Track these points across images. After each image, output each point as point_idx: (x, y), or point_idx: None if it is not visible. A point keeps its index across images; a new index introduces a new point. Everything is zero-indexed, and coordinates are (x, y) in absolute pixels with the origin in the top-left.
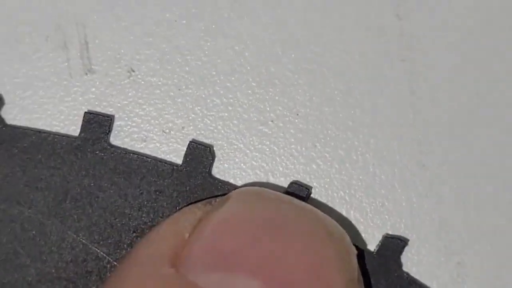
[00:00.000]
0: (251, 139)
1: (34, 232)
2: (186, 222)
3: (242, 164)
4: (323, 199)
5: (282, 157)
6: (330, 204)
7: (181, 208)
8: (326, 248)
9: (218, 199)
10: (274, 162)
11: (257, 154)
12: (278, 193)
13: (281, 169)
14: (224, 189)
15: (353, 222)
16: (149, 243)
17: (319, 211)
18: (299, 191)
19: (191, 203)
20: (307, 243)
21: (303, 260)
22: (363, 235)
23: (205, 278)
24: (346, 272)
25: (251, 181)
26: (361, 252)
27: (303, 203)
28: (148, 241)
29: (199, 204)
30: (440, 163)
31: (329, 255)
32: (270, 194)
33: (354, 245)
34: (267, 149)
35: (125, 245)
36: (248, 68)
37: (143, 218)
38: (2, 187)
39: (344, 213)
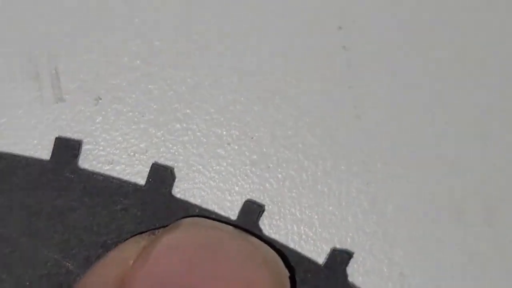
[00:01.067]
0: (209, 160)
1: (9, 249)
2: (131, 251)
3: (201, 184)
4: (275, 216)
5: (238, 177)
6: (282, 220)
7: (127, 239)
8: (259, 271)
9: (161, 230)
10: (230, 182)
11: (214, 174)
12: (216, 222)
13: (237, 188)
14: (184, 207)
15: (303, 237)
16: (98, 269)
17: (252, 236)
18: (253, 209)
19: (137, 234)
20: (241, 266)
21: (236, 282)
22: (312, 248)
23: None
24: None
25: (209, 200)
26: (293, 275)
27: (238, 230)
28: (98, 267)
29: (143, 234)
30: (384, 182)
31: (262, 277)
32: (207, 223)
33: (287, 267)
34: (224, 170)
35: (93, 259)
36: (207, 95)
37: (109, 235)
38: None
39: (295, 228)
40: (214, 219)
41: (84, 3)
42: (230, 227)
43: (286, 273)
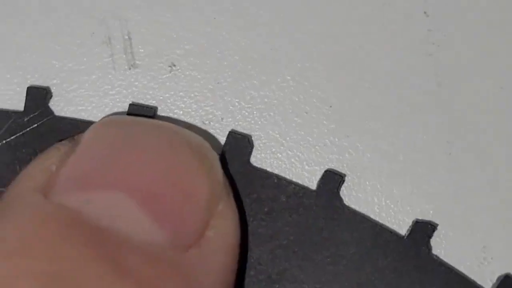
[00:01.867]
0: (286, 129)
1: None
2: (52, 158)
3: (278, 154)
4: (355, 187)
5: (316, 146)
6: (362, 192)
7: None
8: (184, 154)
9: (80, 134)
10: (308, 151)
11: (292, 144)
12: (137, 117)
13: (315, 158)
14: (262, 176)
15: (384, 208)
16: (18, 182)
17: (177, 126)
18: (333, 179)
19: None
20: (164, 151)
21: (162, 166)
22: (393, 220)
23: (70, 199)
24: (208, 176)
25: (287, 169)
26: (223, 155)
27: (160, 121)
28: (18, 180)
29: (63, 141)
30: (467, 152)
31: (187, 159)
32: (126, 118)
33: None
34: (302, 139)
35: None
36: (283, 62)
37: None
38: None
39: (375, 200)
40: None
41: None
42: (153, 120)
43: (214, 155)
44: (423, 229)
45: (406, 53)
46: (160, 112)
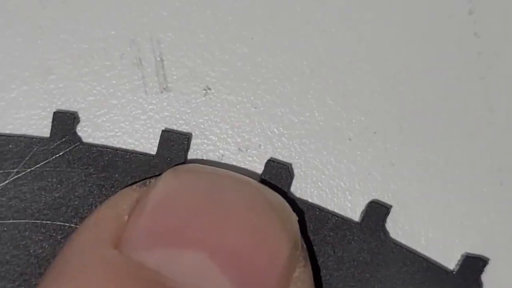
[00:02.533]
0: (328, 157)
1: None
2: (124, 205)
3: (319, 183)
4: (401, 219)
5: (360, 175)
6: (408, 224)
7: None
8: (267, 215)
9: (153, 180)
10: (351, 181)
11: (334, 172)
12: (214, 167)
13: (358, 188)
14: (302, 207)
15: (432, 241)
16: (89, 228)
17: (256, 182)
18: (378, 210)
19: (127, 186)
20: (247, 212)
21: (244, 228)
22: (442, 254)
23: (149, 256)
24: (288, 237)
25: (328, 200)
26: (302, 217)
27: (240, 175)
28: (88, 226)
29: (134, 186)
30: None
31: (271, 222)
32: (206, 169)
33: (295, 211)
34: (344, 167)
35: None
36: (325, 85)
37: None
38: (79, 207)
39: (422, 232)
40: (335, 219)
41: None
42: (231, 172)
43: (294, 217)
44: (474, 264)
45: (457, 76)
46: (194, 138)
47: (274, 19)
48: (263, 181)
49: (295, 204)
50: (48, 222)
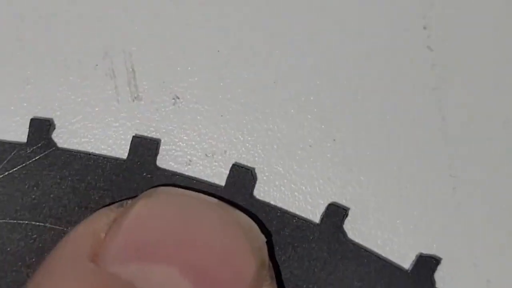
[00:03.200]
0: (290, 162)
1: None
2: (101, 223)
3: (281, 187)
4: (358, 220)
5: (320, 180)
6: (365, 225)
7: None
8: (235, 236)
9: (129, 201)
10: (311, 185)
11: (295, 177)
12: (185, 190)
13: (318, 191)
14: (265, 209)
15: (387, 242)
16: (68, 243)
17: (226, 204)
18: (337, 212)
19: (104, 206)
20: (216, 231)
21: (214, 246)
22: (396, 254)
23: (124, 270)
24: (256, 257)
25: (290, 203)
26: (270, 240)
27: (211, 197)
28: (67, 241)
29: (112, 206)
30: (471, 186)
31: (239, 241)
32: (179, 191)
33: (264, 233)
34: (305, 173)
35: None
36: (287, 96)
37: None
38: (53, 209)
39: (379, 234)
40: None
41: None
42: (202, 195)
43: (262, 238)
44: (427, 263)
45: (411, 87)
46: (163, 144)
47: (239, 33)
48: (228, 184)
49: (264, 226)
50: (24, 222)
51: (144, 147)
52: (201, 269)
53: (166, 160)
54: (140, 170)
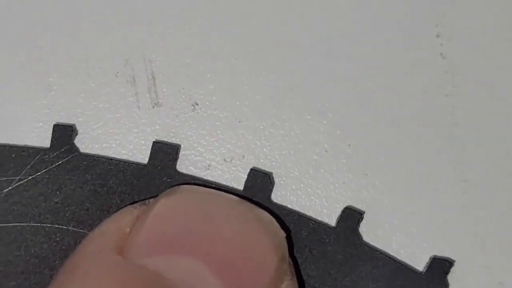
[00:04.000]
0: (306, 167)
1: None
2: (125, 220)
3: (298, 191)
4: (373, 224)
5: (336, 184)
6: (380, 229)
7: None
8: (257, 231)
9: (152, 199)
10: (327, 189)
11: (312, 181)
12: (209, 188)
13: (334, 195)
14: (282, 213)
15: (402, 244)
16: (94, 239)
17: (247, 201)
18: (352, 216)
19: (128, 204)
20: (239, 226)
21: (236, 240)
22: (411, 256)
23: (149, 261)
24: (276, 252)
25: (306, 206)
26: (289, 234)
27: (233, 195)
28: (93, 237)
29: (135, 204)
30: (484, 190)
31: (260, 236)
32: (199, 188)
33: (284, 228)
34: (321, 177)
35: None
36: (303, 102)
37: None
38: (75, 212)
39: (393, 237)
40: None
41: (180, 7)
42: (223, 192)
43: (282, 233)
44: (440, 266)
45: (425, 93)
46: (183, 150)
47: (257, 41)
48: (246, 188)
49: (284, 223)
50: (47, 225)
51: (164, 152)
52: (225, 261)
53: (185, 165)
54: (160, 174)
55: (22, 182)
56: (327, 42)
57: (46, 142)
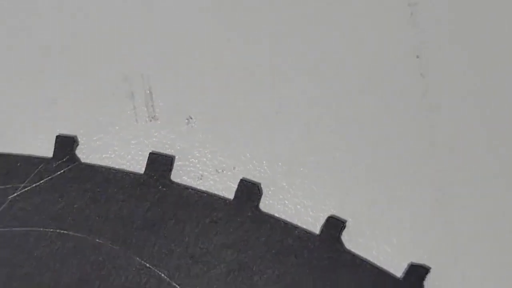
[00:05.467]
0: (293, 178)
1: (103, 257)
2: None
3: (285, 201)
4: (355, 231)
5: (320, 194)
6: (361, 237)
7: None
8: None
9: None
10: (313, 199)
11: (297, 191)
12: None
13: (319, 205)
14: (269, 221)
15: (382, 252)
16: None
17: None
18: (335, 224)
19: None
20: None
21: None
22: (390, 263)
23: None
24: None
25: (293, 215)
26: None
27: None
28: None
29: None
30: (458, 203)
31: None
32: None
33: None
34: (307, 188)
35: (183, 269)
36: (290, 120)
37: (199, 245)
38: (76, 218)
39: (374, 244)
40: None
41: (175, 26)
42: None
43: None
44: (418, 272)
45: (403, 112)
46: (177, 161)
47: (249, 60)
48: (236, 197)
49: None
50: (50, 230)
51: (160, 163)
52: None
53: (179, 175)
54: (155, 183)
55: (27, 189)
56: (313, 64)
57: (49, 152)
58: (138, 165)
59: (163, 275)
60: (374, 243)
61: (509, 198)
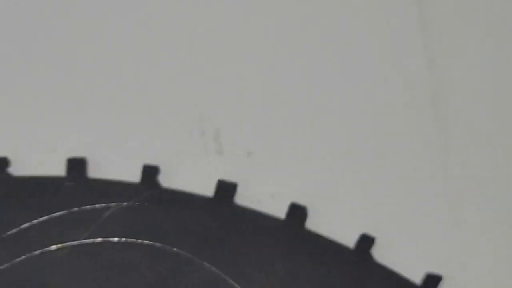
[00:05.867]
0: (335, 202)
1: (181, 262)
2: None
3: (327, 221)
4: (385, 247)
5: (356, 215)
6: (390, 250)
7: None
8: None
9: None
10: (348, 218)
11: (338, 212)
12: None
13: (352, 223)
14: (316, 239)
15: (404, 264)
16: None
17: None
18: (366, 241)
19: None
20: None
21: None
22: (411, 274)
23: None
24: None
25: (332, 232)
26: None
27: None
28: None
29: None
30: (472, 222)
31: None
32: None
33: None
34: (347, 208)
35: (246, 275)
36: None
37: (257, 255)
38: (160, 232)
39: (388, 253)
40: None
41: (238, 78)
42: None
43: None
44: (433, 280)
45: (414, 141)
46: (239, 188)
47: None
48: (286, 218)
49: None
50: (138, 241)
51: (226, 189)
52: None
53: (241, 199)
54: (222, 205)
55: (117, 209)
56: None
57: (136, 178)
58: (208, 191)
59: (230, 279)
60: (400, 256)
61: None
